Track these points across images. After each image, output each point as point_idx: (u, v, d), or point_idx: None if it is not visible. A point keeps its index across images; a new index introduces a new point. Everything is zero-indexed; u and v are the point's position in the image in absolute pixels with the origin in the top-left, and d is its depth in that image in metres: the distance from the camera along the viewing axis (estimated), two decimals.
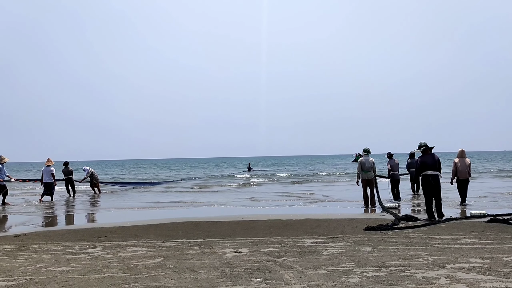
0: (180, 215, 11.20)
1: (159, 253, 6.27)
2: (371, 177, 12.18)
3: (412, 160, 15.22)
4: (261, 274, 4.89)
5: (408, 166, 15.76)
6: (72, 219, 11.97)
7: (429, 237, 7.08)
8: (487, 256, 5.55)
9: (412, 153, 15.43)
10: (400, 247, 6.25)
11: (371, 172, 12.19)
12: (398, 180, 14.21)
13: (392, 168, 14.19)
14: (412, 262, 5.27)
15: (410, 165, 15.60)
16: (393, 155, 14.53)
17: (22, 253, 6.54)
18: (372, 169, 12.20)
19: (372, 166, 12.19)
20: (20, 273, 5.22)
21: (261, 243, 6.85)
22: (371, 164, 12.19)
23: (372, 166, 12.19)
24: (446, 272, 4.77)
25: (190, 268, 5.24)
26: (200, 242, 7.09)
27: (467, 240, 6.69)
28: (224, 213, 11.86)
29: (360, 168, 12.31)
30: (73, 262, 5.75)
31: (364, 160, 12.26)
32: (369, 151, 12.40)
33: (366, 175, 12.22)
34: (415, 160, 10.44)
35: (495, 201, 13.05)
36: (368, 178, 12.20)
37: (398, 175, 14.33)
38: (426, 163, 9.38)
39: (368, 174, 12.19)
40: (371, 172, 12.19)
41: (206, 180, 30.79)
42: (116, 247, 6.80)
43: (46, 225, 10.41)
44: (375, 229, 7.93)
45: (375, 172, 12.34)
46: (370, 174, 12.18)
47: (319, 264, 5.31)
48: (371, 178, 12.18)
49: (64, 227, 9.78)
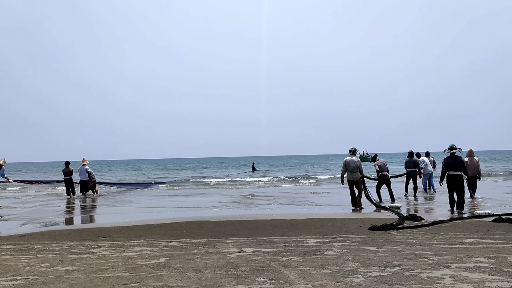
0: (185, 215, 11.22)
1: (164, 252, 6.29)
2: (356, 178, 11.77)
3: (410, 158, 14.92)
4: (265, 273, 4.90)
5: (406, 165, 15.25)
6: (77, 219, 12.03)
7: (434, 236, 7.05)
8: (492, 255, 5.52)
9: (410, 151, 15.03)
10: (405, 247, 6.23)
11: (356, 172, 11.77)
12: (389, 181, 13.61)
13: (380, 168, 13.60)
14: (417, 262, 5.26)
15: (407, 164, 15.15)
16: (377, 155, 14.21)
17: (27, 252, 6.57)
18: (358, 169, 11.78)
19: (357, 166, 11.78)
20: (26, 272, 5.26)
21: (265, 243, 6.85)
22: (357, 164, 11.78)
23: (357, 166, 11.78)
24: (451, 272, 4.75)
25: (195, 268, 5.25)
26: (204, 242, 7.11)
27: (472, 240, 6.66)
28: (228, 213, 11.88)
29: (345, 168, 11.86)
30: (78, 262, 5.78)
31: (349, 160, 11.82)
32: (355, 151, 11.97)
33: (351, 176, 11.81)
34: (443, 161, 10.92)
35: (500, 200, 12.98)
36: (353, 179, 11.80)
37: (388, 175, 13.69)
38: (449, 164, 10.65)
39: (353, 174, 11.77)
40: (357, 173, 11.77)
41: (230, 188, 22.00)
42: (121, 247, 6.83)
43: (51, 224, 10.46)
44: (379, 228, 7.92)
45: (361, 173, 11.94)
46: (356, 175, 11.76)
47: (323, 263, 5.31)
48: (357, 179, 11.79)
49: (69, 227, 9.82)
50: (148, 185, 24.60)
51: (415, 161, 14.94)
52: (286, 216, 10.32)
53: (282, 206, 13.28)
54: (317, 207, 12.61)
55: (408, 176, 15.10)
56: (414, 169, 14.86)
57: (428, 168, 15.63)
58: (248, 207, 13.16)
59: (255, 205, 13.56)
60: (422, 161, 15.59)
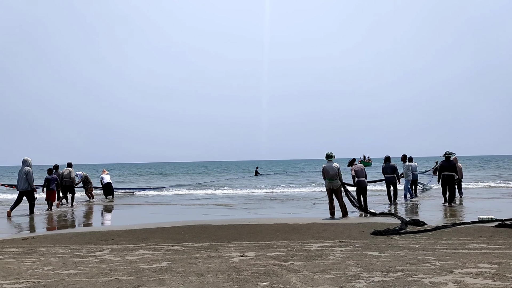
0: (187, 219, 11.22)
1: (166, 256, 6.29)
2: (336, 186, 10.93)
3: (387, 164, 14.39)
4: (267, 278, 4.89)
5: (383, 171, 14.59)
6: (79, 222, 12.03)
7: (437, 241, 7.03)
8: (495, 261, 5.50)
9: (387, 157, 14.42)
10: (408, 252, 6.21)
11: (336, 180, 10.90)
12: (365, 188, 12.53)
13: (357, 174, 12.48)
14: (420, 267, 5.24)
15: (384, 170, 14.52)
16: (355, 159, 13.37)
17: (30, 256, 6.59)
18: (337, 176, 10.90)
19: (337, 174, 10.89)
20: (28, 276, 5.27)
21: (268, 247, 6.85)
22: (336, 171, 10.87)
23: (337, 174, 10.89)
24: (454, 277, 4.73)
25: (197, 272, 5.25)
26: (206, 246, 7.11)
27: (475, 245, 6.64)
28: (230, 216, 11.87)
29: (323, 176, 11.08)
30: (81, 265, 5.79)
31: (327, 167, 10.92)
32: (333, 156, 11.05)
33: (330, 184, 10.93)
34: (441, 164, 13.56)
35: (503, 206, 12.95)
36: (332, 187, 10.94)
37: (365, 182, 12.57)
38: (444, 166, 13.41)
39: (332, 182, 10.90)
40: (336, 181, 10.90)
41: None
42: (123, 250, 6.83)
43: (54, 228, 10.49)
44: (382, 233, 7.90)
45: (341, 180, 11.10)
46: (335, 183, 10.90)
47: (325, 268, 5.30)
48: (336, 187, 10.96)
49: (72, 230, 9.83)
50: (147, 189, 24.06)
51: (393, 166, 14.32)
52: (289, 220, 10.31)
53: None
54: (320, 213, 12.55)
55: (387, 183, 14.44)
56: (392, 175, 14.26)
57: (408, 173, 15.31)
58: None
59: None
60: (407, 166, 15.34)
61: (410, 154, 15.91)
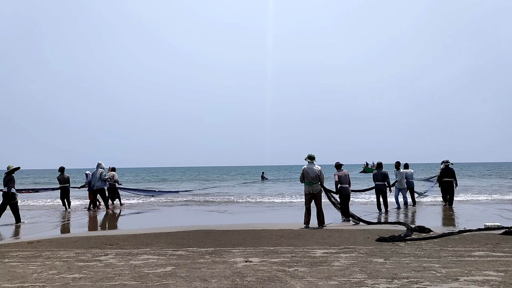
0: (191, 223, 11.22)
1: (170, 261, 6.30)
2: (316, 191, 10.17)
3: (378, 171, 13.77)
4: (271, 284, 4.88)
5: (374, 178, 13.93)
6: (84, 227, 12.07)
7: (442, 249, 6.98)
8: (501, 269, 5.45)
9: (379, 163, 13.81)
10: (413, 259, 6.17)
11: (317, 184, 10.15)
12: (348, 195, 11.47)
13: (340, 180, 11.49)
14: (425, 274, 5.21)
15: (375, 176, 13.88)
16: (342, 165, 11.99)
17: (35, 259, 6.62)
18: (318, 179, 10.15)
19: (318, 176, 10.12)
20: (33, 279, 5.29)
21: (272, 253, 6.83)
22: (317, 174, 10.10)
23: (318, 176, 10.12)
24: (460, 285, 4.70)
25: (201, 277, 5.24)
26: (211, 251, 7.10)
27: (481, 253, 6.58)
28: (234, 221, 11.86)
29: (303, 178, 10.26)
30: (85, 269, 5.81)
31: (307, 169, 10.14)
32: (314, 158, 10.27)
33: (310, 188, 10.16)
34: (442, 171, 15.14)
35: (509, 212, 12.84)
36: (313, 192, 10.16)
37: (348, 189, 11.50)
38: (444, 173, 15.03)
39: (313, 186, 10.14)
40: (317, 184, 10.16)
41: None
42: (128, 255, 6.85)
43: (59, 232, 10.53)
44: (387, 240, 7.86)
45: (322, 183, 10.34)
46: (316, 187, 10.15)
47: (330, 274, 5.28)
48: (316, 192, 10.20)
49: (77, 234, 9.86)
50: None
51: (384, 173, 13.68)
52: (293, 226, 10.28)
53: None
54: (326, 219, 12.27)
55: (377, 191, 13.78)
56: (383, 182, 13.67)
57: (402, 181, 14.83)
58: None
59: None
60: (401, 174, 14.83)
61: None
